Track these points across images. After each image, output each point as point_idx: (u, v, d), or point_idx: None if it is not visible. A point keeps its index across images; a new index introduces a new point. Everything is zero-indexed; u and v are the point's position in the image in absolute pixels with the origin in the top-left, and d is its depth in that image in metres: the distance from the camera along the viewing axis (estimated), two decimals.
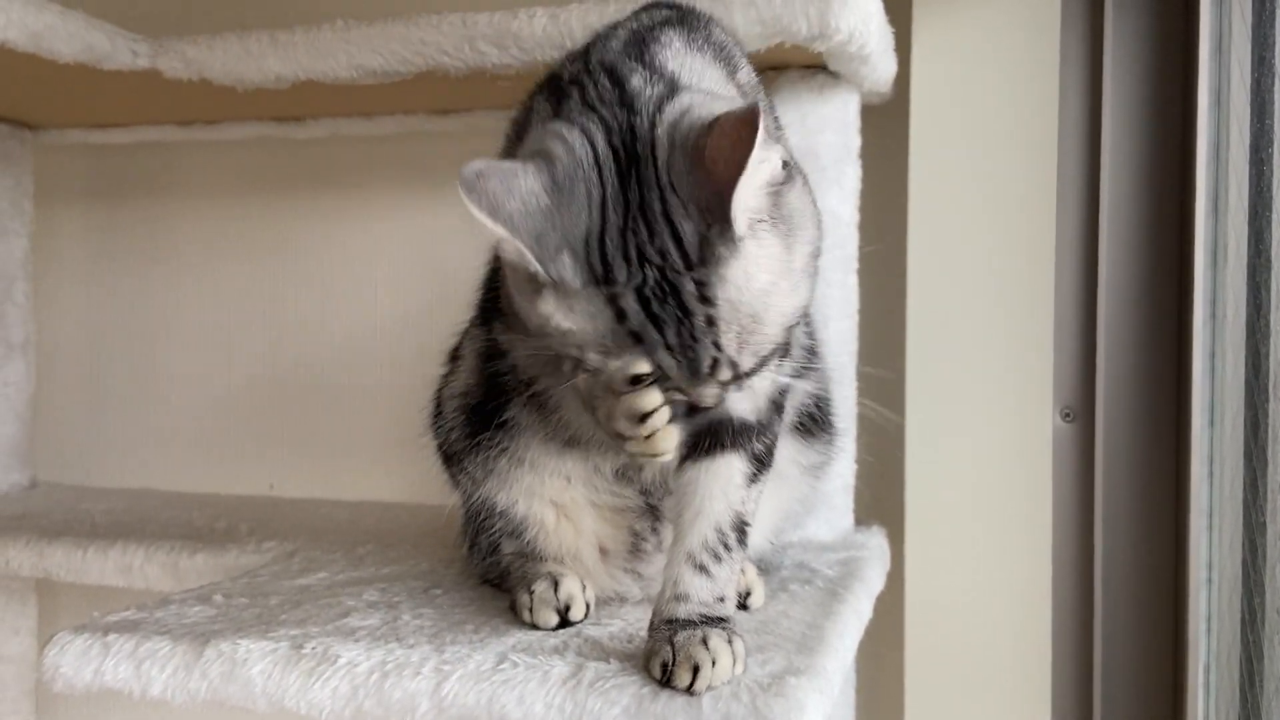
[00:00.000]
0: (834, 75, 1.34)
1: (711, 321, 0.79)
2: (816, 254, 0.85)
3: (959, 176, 1.49)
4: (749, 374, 0.83)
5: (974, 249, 1.48)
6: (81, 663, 1.00)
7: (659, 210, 0.80)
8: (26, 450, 1.86)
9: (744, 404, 0.97)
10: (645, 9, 0.99)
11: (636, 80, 0.86)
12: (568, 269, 0.80)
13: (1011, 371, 1.48)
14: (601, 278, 0.81)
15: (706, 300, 0.79)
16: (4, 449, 1.82)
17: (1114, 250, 1.47)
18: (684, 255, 0.79)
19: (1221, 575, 1.38)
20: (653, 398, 0.84)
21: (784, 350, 0.89)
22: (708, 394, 0.83)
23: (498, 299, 1.03)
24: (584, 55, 0.92)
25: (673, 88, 0.85)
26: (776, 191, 0.81)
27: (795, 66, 1.33)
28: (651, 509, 1.10)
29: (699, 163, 0.79)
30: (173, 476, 1.93)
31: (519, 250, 0.80)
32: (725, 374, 0.81)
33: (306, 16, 1.42)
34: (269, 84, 1.41)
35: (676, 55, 0.90)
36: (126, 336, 1.96)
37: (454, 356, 1.17)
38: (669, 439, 0.87)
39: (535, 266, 0.80)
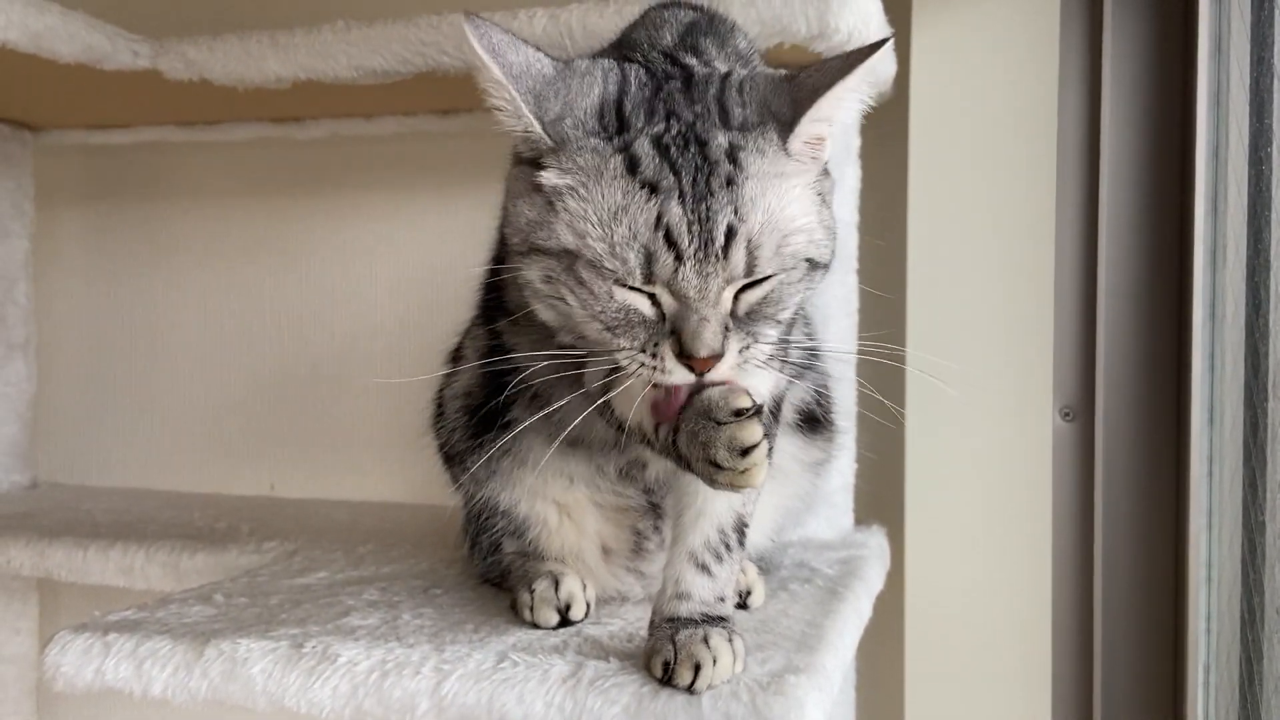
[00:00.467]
0: None
1: (732, 182, 0.77)
2: (827, 257, 0.85)
3: (958, 176, 1.49)
4: (765, 272, 0.78)
5: (973, 248, 1.48)
6: (82, 662, 1.00)
7: (707, 93, 0.82)
8: (27, 450, 1.86)
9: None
10: (667, 7, 0.99)
11: (693, 60, 0.88)
12: (568, 127, 0.79)
13: (1011, 370, 1.48)
14: (614, 129, 0.79)
15: (736, 161, 0.78)
16: (5, 449, 1.82)
17: (1113, 249, 1.47)
18: (724, 117, 0.80)
19: (1221, 574, 1.38)
20: (756, 430, 0.81)
21: (787, 325, 0.87)
22: (711, 311, 0.77)
23: (501, 298, 1.04)
24: (632, 45, 0.93)
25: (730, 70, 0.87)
26: (824, 172, 0.84)
27: (795, 67, 1.33)
28: (654, 507, 1.10)
29: (782, 82, 0.81)
30: (173, 477, 1.93)
31: (514, 103, 0.79)
32: (739, 252, 0.77)
33: (307, 17, 1.42)
34: (269, 84, 1.42)
35: (719, 61, 0.91)
36: (127, 337, 1.97)
37: (455, 357, 1.18)
38: (763, 473, 0.83)
39: (532, 124, 0.79)
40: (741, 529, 0.97)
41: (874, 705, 1.56)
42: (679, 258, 0.77)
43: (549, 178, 0.81)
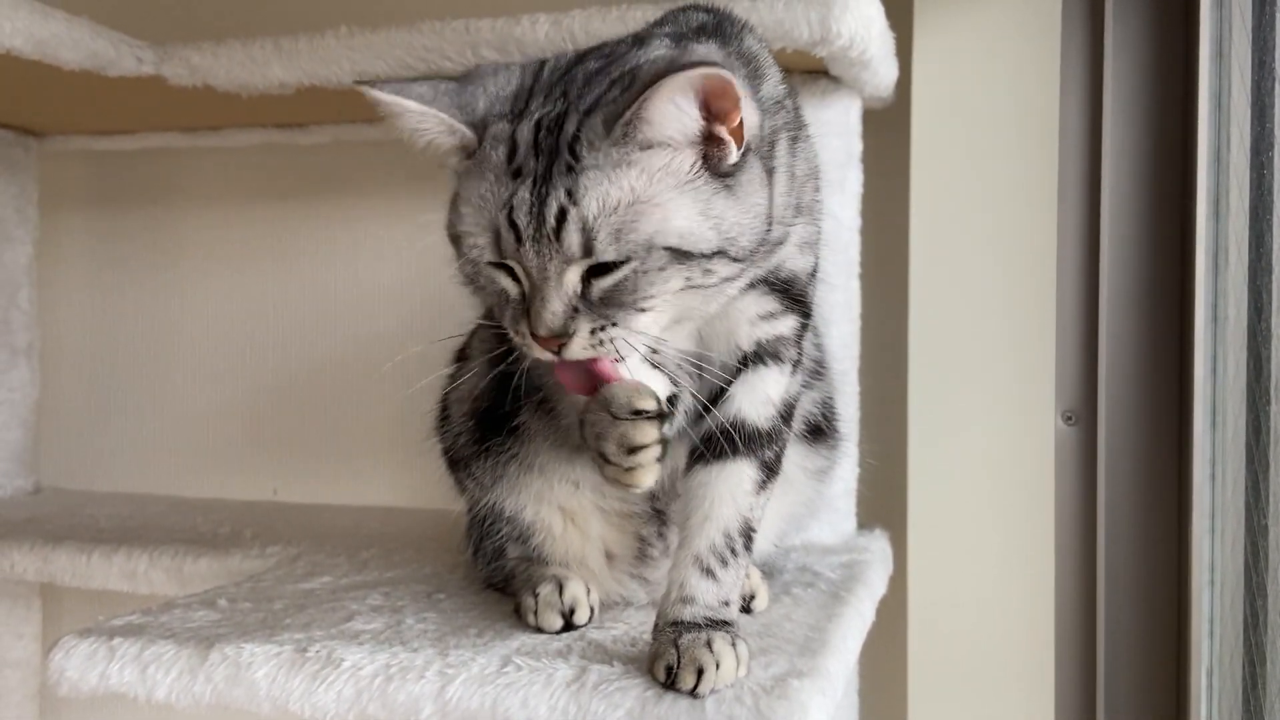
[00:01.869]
0: (835, 80, 1.35)
1: (571, 169, 0.80)
2: (747, 237, 0.85)
3: (960, 181, 1.49)
4: (603, 257, 0.81)
5: (976, 253, 1.49)
6: (86, 666, 1.00)
7: (609, 74, 0.85)
8: (31, 455, 1.87)
9: (757, 410, 0.98)
10: (683, 10, 1.00)
11: (658, 43, 0.90)
12: (490, 115, 0.85)
13: (1013, 374, 1.48)
14: (519, 113, 0.84)
15: (574, 148, 0.81)
16: (9, 454, 1.83)
17: (1115, 253, 1.47)
18: (594, 103, 0.83)
19: (1224, 578, 1.38)
20: (649, 432, 0.85)
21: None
22: (552, 291, 0.81)
23: None
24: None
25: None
26: (721, 156, 0.83)
27: (797, 72, 1.34)
28: (659, 514, 1.10)
29: (639, 76, 0.82)
30: (176, 481, 1.93)
31: (440, 120, 0.84)
32: (573, 234, 0.80)
33: (310, 23, 1.42)
34: (273, 90, 1.42)
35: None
36: (131, 342, 1.97)
37: (460, 356, 1.17)
38: (650, 475, 0.88)
39: (458, 126, 0.84)
40: (748, 534, 0.97)
41: (877, 709, 1.56)
42: (518, 238, 0.82)
43: (456, 165, 0.87)
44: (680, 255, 0.82)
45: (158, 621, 1.07)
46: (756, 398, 0.98)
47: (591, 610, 1.07)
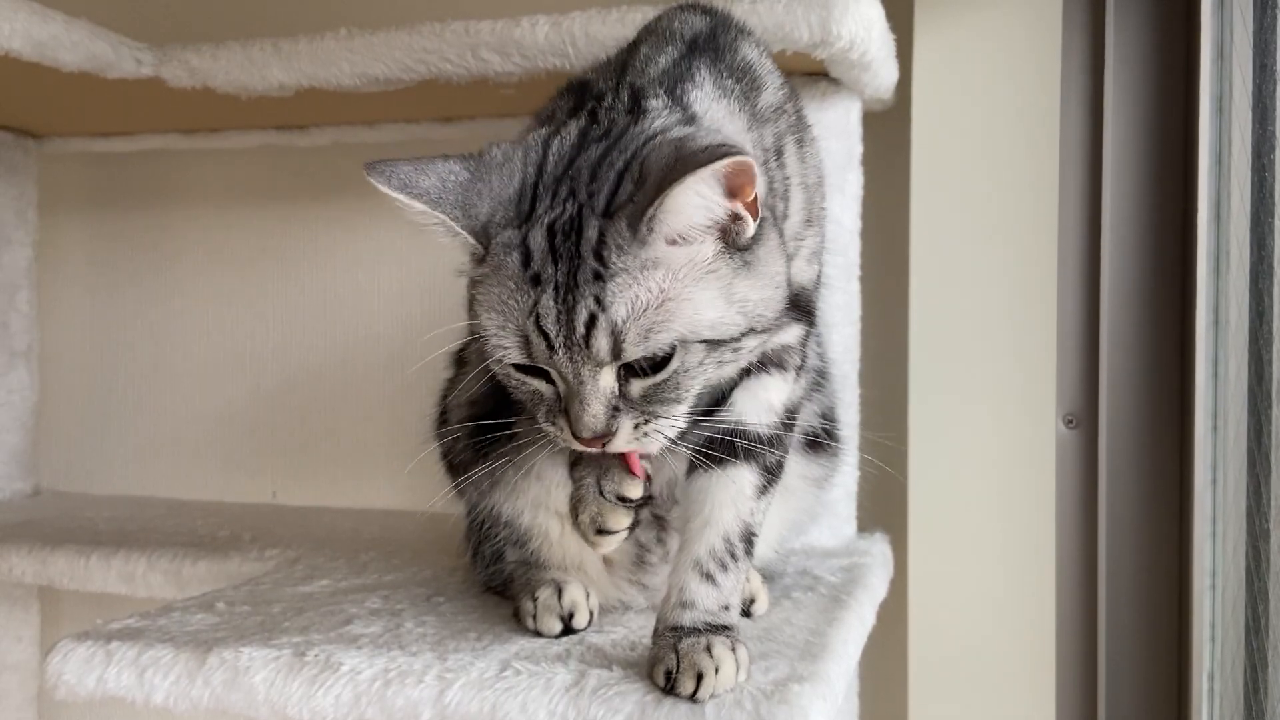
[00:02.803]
0: (836, 82, 1.35)
1: (599, 277, 0.79)
2: (771, 309, 0.86)
3: (961, 183, 1.49)
4: (632, 357, 0.81)
5: (976, 255, 1.48)
6: (84, 670, 1.00)
7: (614, 165, 0.82)
8: (30, 458, 1.87)
9: (759, 416, 0.97)
10: (680, 11, 0.99)
11: (655, 102, 0.88)
12: (494, 224, 0.83)
13: (1014, 377, 1.48)
14: (525, 216, 0.82)
15: (601, 256, 0.79)
16: (7, 456, 1.82)
17: (1116, 256, 1.47)
18: (610, 199, 0.81)
19: (1225, 582, 1.38)
20: (623, 519, 0.93)
21: (713, 357, 0.86)
22: (590, 395, 0.81)
23: None
24: (619, 72, 0.94)
25: (691, 119, 0.87)
26: (738, 231, 0.82)
27: (798, 73, 1.33)
28: (658, 520, 1.10)
29: (650, 168, 0.80)
30: (175, 484, 1.93)
31: (445, 224, 0.83)
32: (602, 340, 0.79)
33: (310, 25, 1.42)
34: (272, 92, 1.42)
35: (704, 96, 0.90)
36: (130, 344, 1.97)
37: (458, 360, 1.17)
38: (611, 549, 0.97)
39: (466, 237, 0.84)
40: (748, 539, 0.97)
41: (877, 713, 1.56)
42: (549, 345, 0.81)
43: (471, 272, 0.86)
44: (712, 344, 0.83)
45: (155, 625, 1.07)
46: (759, 405, 0.98)
47: (590, 614, 1.06)
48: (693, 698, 0.87)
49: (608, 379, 0.82)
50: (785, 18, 1.19)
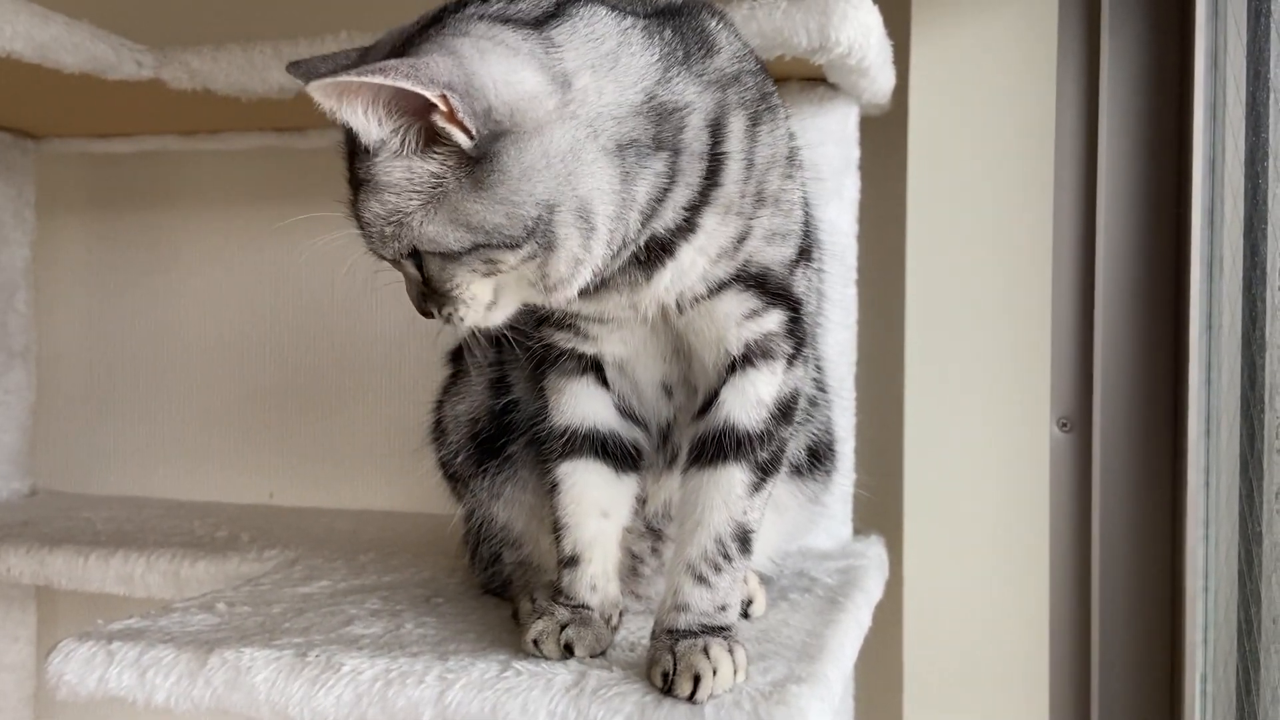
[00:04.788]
0: (833, 88, 1.36)
1: (352, 183, 0.86)
2: (493, 236, 0.81)
3: (957, 188, 1.50)
4: (388, 255, 0.87)
5: (972, 260, 1.49)
6: (86, 670, 1.00)
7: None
8: (27, 458, 1.86)
9: (748, 413, 0.96)
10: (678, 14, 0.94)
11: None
12: None
13: (1009, 381, 1.49)
14: None
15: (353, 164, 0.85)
16: (5, 457, 1.82)
17: (1110, 262, 1.48)
18: None
19: (1218, 585, 1.39)
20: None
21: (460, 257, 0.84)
22: (406, 277, 0.89)
23: None
24: None
25: (540, 21, 0.82)
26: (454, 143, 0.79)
27: (796, 79, 1.35)
28: (652, 530, 1.10)
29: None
30: (172, 485, 1.93)
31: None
32: (368, 238, 0.87)
33: (310, 28, 1.42)
34: (272, 95, 1.42)
35: (596, 13, 0.84)
36: (127, 345, 1.97)
37: (455, 358, 1.18)
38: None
39: None
40: (743, 538, 0.96)
41: (873, 714, 1.56)
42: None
43: None
44: (446, 256, 0.83)
45: (156, 625, 1.07)
46: (747, 400, 0.96)
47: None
48: (691, 699, 0.87)
49: (409, 269, 0.87)
50: (784, 23, 1.20)
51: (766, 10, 1.20)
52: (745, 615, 1.11)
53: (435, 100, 0.75)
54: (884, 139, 1.52)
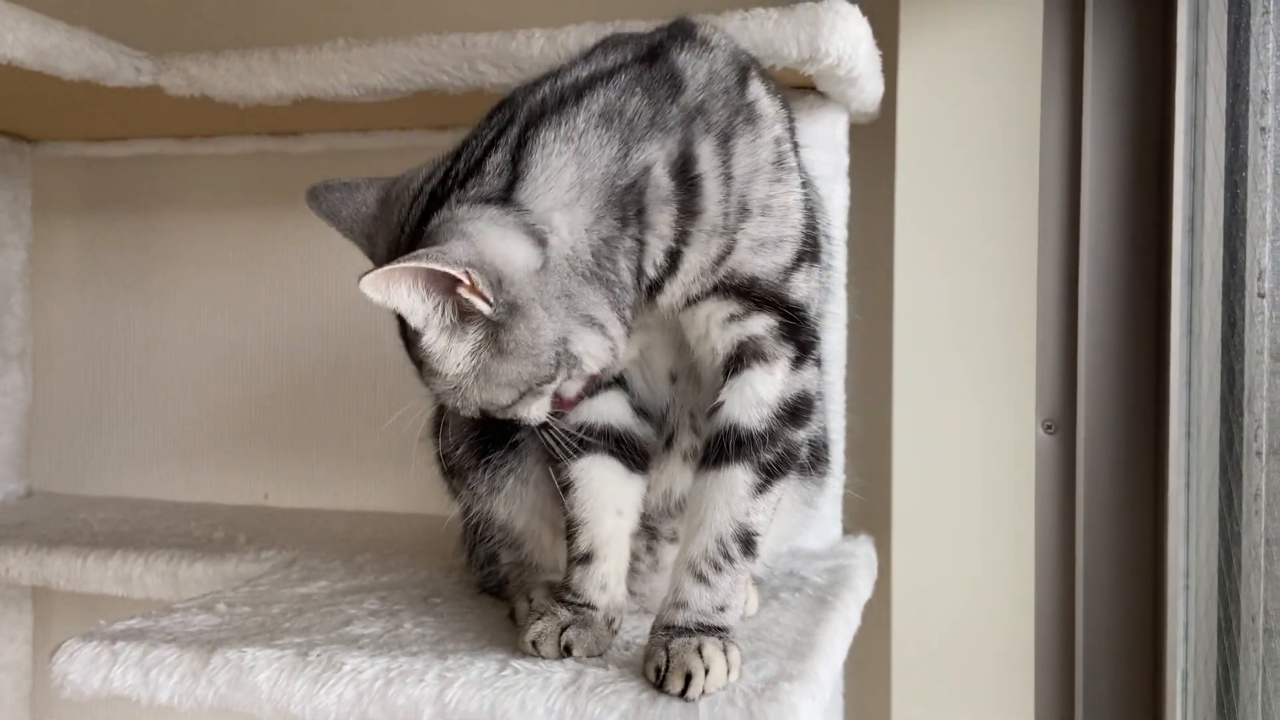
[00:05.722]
0: (823, 96, 1.37)
1: (419, 362, 0.94)
2: (533, 381, 0.92)
3: (944, 194, 1.51)
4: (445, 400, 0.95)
5: (959, 265, 1.51)
6: (90, 670, 1.02)
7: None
8: (23, 459, 1.87)
9: (748, 413, 0.97)
10: (664, 33, 0.98)
11: (493, 159, 0.91)
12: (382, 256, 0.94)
13: (996, 384, 1.50)
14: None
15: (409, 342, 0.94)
16: (1, 459, 1.83)
17: (1094, 268, 1.50)
18: None
19: (1199, 583, 1.40)
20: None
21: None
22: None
23: None
24: (529, 90, 0.96)
25: (507, 189, 0.90)
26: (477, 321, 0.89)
27: (786, 87, 1.35)
28: (648, 530, 1.11)
29: None
30: (168, 486, 1.94)
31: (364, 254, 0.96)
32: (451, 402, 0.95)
33: (308, 35, 1.43)
34: (270, 101, 1.43)
35: (541, 158, 0.90)
36: (123, 347, 1.98)
37: None
38: None
39: (371, 260, 0.95)
40: (745, 540, 0.97)
41: (861, 710, 1.58)
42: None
43: None
44: (495, 408, 0.95)
45: (159, 626, 1.09)
46: (746, 400, 0.97)
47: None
48: (682, 695, 0.89)
49: None
50: (775, 34, 1.21)
51: (758, 22, 1.22)
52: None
53: (460, 276, 0.84)
54: (873, 146, 1.53)
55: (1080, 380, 1.50)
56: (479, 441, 1.12)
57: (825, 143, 1.39)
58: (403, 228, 0.93)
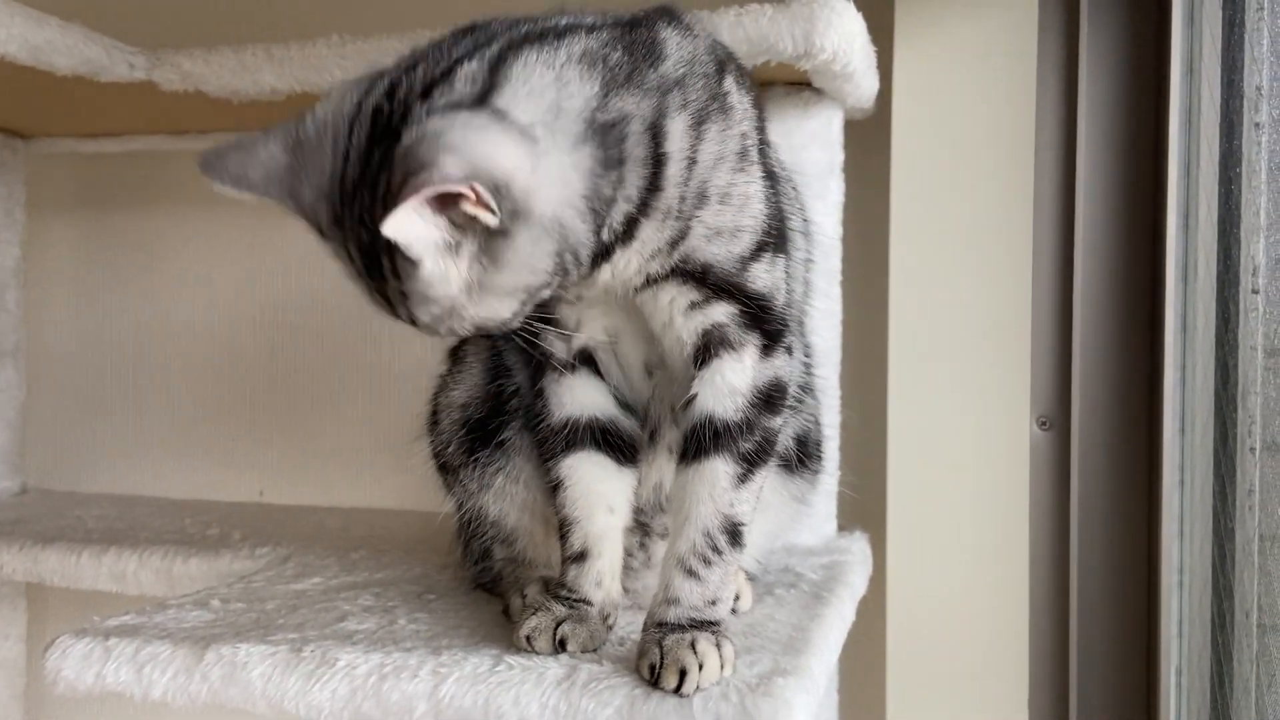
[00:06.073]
0: (818, 92, 1.37)
1: (404, 295, 0.86)
2: (533, 288, 0.88)
3: (939, 190, 1.52)
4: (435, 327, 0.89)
5: (954, 262, 1.51)
6: (83, 666, 1.01)
7: (383, 186, 0.83)
8: (17, 456, 1.87)
9: (722, 403, 0.96)
10: (646, 11, 0.97)
11: (465, 69, 0.86)
12: (323, 214, 0.87)
13: (990, 381, 1.51)
14: (338, 219, 0.86)
15: (396, 274, 0.85)
16: None
17: (1089, 264, 1.50)
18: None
19: (1192, 579, 1.41)
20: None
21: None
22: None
23: None
24: (508, 24, 0.92)
25: (482, 96, 0.84)
26: (479, 231, 0.83)
27: (781, 83, 1.36)
28: (641, 526, 1.10)
29: (390, 187, 0.81)
30: (162, 482, 1.94)
31: (286, 209, 0.87)
32: (438, 331, 0.89)
33: (301, 30, 1.43)
34: (264, 96, 1.43)
35: (527, 64, 0.86)
36: (117, 344, 1.97)
37: (454, 356, 1.18)
38: None
39: (303, 220, 0.87)
40: (731, 531, 0.96)
41: (856, 706, 1.59)
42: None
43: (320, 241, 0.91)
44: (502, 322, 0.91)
45: (152, 622, 1.09)
46: (718, 390, 0.96)
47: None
48: (677, 692, 0.89)
49: None
50: (769, 30, 1.21)
51: (753, 17, 1.22)
52: (732, 611, 1.12)
53: (465, 191, 0.78)
54: (868, 142, 1.54)
55: (1075, 376, 1.51)
56: (468, 439, 1.12)
57: (820, 139, 1.39)
58: (345, 156, 0.85)
